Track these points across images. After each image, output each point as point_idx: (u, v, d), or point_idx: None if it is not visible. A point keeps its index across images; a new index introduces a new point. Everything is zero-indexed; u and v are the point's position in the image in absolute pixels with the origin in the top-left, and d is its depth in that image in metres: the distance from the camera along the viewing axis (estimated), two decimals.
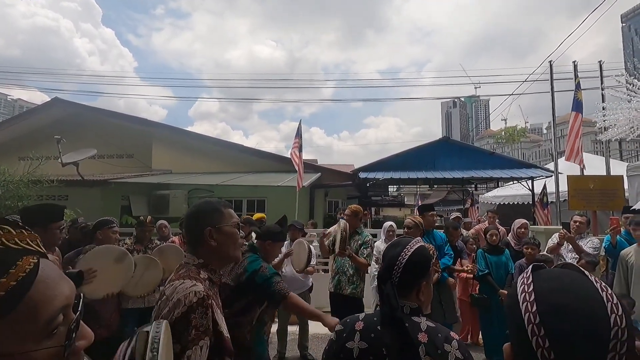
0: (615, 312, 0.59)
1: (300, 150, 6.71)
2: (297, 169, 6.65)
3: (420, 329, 1.25)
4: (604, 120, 6.07)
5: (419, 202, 17.36)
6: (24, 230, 0.62)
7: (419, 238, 1.46)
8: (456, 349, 1.20)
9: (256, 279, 2.38)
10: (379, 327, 1.28)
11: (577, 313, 0.60)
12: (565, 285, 0.64)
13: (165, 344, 0.94)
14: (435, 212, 4.44)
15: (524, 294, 0.66)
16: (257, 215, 5.43)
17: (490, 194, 13.16)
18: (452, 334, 1.26)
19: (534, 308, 0.63)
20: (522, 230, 4.61)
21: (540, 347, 0.61)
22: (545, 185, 8.71)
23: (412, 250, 1.42)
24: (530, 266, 0.72)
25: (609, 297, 0.61)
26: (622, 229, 4.30)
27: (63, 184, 7.31)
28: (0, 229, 0.59)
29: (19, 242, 0.60)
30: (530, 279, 0.67)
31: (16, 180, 6.19)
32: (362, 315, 1.36)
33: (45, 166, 6.70)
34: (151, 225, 4.25)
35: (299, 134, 6.87)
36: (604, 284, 0.64)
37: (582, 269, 0.68)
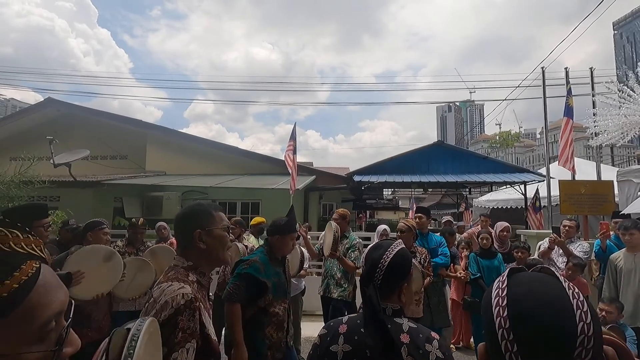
0: (584, 319, 0.61)
1: (294, 153, 6.70)
2: (290, 172, 6.65)
3: (402, 330, 1.27)
4: (595, 126, 6.16)
5: (414, 205, 17.42)
6: (30, 236, 0.64)
7: (400, 241, 1.48)
8: (437, 349, 1.22)
9: (236, 268, 2.41)
10: (362, 330, 1.29)
11: (545, 320, 0.62)
12: (537, 291, 0.65)
13: (147, 342, 0.90)
14: (422, 215, 4.44)
15: (497, 298, 0.67)
16: (257, 219, 5.42)
17: (483, 197, 13.24)
18: (432, 334, 1.28)
19: (505, 313, 0.64)
20: (505, 233, 4.67)
21: (508, 351, 0.63)
22: (537, 189, 8.79)
23: (393, 252, 1.43)
24: (507, 269, 0.73)
25: (579, 304, 0.62)
26: (611, 233, 4.35)
27: (55, 185, 7.23)
28: (9, 233, 0.61)
29: (24, 246, 0.62)
30: (505, 284, 0.69)
31: (7, 181, 6.12)
32: (345, 319, 1.37)
33: (37, 167, 6.63)
34: (143, 227, 4.22)
35: (293, 137, 6.86)
36: (576, 290, 0.65)
37: (557, 274, 0.69)
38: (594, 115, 6.18)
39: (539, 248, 4.44)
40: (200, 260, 1.39)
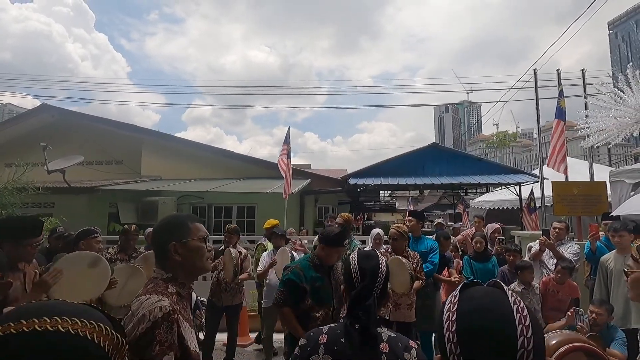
0: (524, 334, 0.63)
1: (288, 157, 6.73)
2: (284, 176, 6.66)
3: (382, 339, 1.29)
4: (587, 128, 6.18)
5: (411, 207, 17.46)
6: (121, 339, 0.67)
7: (374, 249, 1.53)
8: (415, 357, 1.26)
9: (281, 275, 2.73)
10: (342, 340, 1.31)
11: (489, 335, 0.64)
12: (484, 307, 0.67)
13: None
14: (412, 219, 4.45)
15: (448, 312, 0.69)
16: (271, 222, 5.41)
17: (480, 198, 13.26)
18: (411, 342, 1.31)
19: (454, 327, 0.67)
20: (496, 235, 4.68)
21: None
22: (532, 190, 8.81)
23: (384, 262, 1.49)
24: (460, 284, 0.75)
25: (522, 319, 0.65)
26: (601, 234, 4.36)
27: (49, 191, 7.22)
28: (110, 335, 0.64)
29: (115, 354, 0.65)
30: (457, 298, 0.71)
31: (0, 188, 6.11)
32: (326, 328, 1.38)
33: (31, 173, 6.62)
34: (135, 233, 4.23)
35: (287, 141, 6.89)
36: (522, 304, 0.68)
37: (506, 288, 0.71)
38: (586, 117, 6.20)
39: (529, 250, 4.45)
40: (178, 271, 1.40)
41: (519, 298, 0.69)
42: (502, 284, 0.73)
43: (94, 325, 0.62)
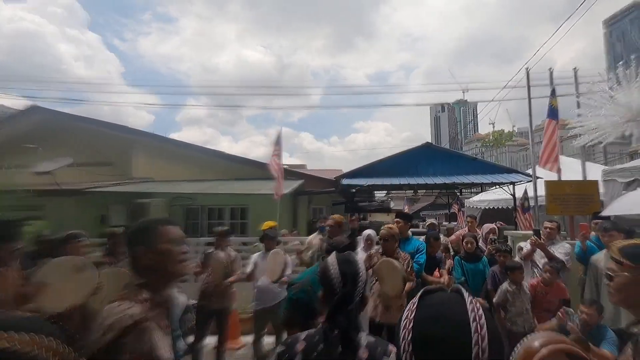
0: (479, 343, 0.62)
1: (279, 158, 6.70)
2: (275, 177, 6.62)
3: (361, 345, 1.27)
4: (581, 127, 6.18)
5: (406, 207, 17.49)
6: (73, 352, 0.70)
7: (349, 252, 1.51)
8: None
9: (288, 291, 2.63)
10: (321, 346, 1.28)
11: (444, 343, 0.63)
12: (441, 315, 0.66)
13: None
14: (400, 221, 4.45)
15: (405, 320, 0.68)
16: (269, 224, 5.36)
17: (475, 198, 13.27)
18: (390, 347, 1.29)
19: (410, 336, 0.65)
20: (491, 235, 4.68)
21: None
22: (526, 189, 8.83)
23: (362, 265, 1.46)
24: (421, 291, 0.73)
25: (478, 327, 0.63)
26: (592, 233, 4.36)
27: (38, 193, 7.14)
28: (62, 349, 0.67)
29: None
30: (415, 305, 0.69)
31: None
32: (303, 335, 1.36)
33: (20, 175, 6.55)
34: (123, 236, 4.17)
35: (278, 142, 6.85)
36: (480, 312, 0.66)
37: (465, 295, 0.69)
38: (578, 116, 6.21)
39: (519, 250, 4.44)
40: (151, 277, 1.37)
41: (478, 305, 0.67)
42: (463, 290, 0.71)
43: (43, 340, 0.63)
